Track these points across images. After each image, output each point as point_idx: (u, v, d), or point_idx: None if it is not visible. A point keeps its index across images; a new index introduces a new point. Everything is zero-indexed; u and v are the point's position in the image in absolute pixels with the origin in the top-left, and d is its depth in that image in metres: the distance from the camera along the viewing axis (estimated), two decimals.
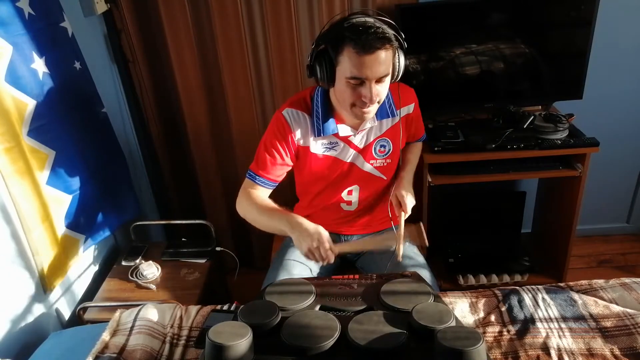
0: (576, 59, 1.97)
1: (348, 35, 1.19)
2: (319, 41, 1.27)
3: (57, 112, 1.59)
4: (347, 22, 1.22)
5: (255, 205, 1.41)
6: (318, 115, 1.40)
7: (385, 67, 1.23)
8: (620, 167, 2.35)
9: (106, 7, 1.89)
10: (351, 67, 1.22)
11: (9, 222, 1.44)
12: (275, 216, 1.36)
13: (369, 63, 1.20)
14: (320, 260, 1.25)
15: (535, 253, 2.31)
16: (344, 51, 1.22)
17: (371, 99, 1.25)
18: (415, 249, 1.58)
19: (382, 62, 1.22)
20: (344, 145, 1.46)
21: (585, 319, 1.25)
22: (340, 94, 1.31)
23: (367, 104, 1.27)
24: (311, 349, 0.99)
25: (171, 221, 2.29)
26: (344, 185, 1.53)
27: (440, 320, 1.02)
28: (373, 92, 1.25)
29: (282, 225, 1.32)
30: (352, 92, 1.27)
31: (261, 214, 1.39)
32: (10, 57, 1.41)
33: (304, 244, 1.24)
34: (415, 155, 1.64)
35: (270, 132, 1.44)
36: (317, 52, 1.27)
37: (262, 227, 1.42)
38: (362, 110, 1.30)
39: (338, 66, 1.25)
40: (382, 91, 1.28)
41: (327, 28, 1.27)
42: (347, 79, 1.24)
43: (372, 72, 1.22)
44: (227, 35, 1.95)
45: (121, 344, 1.24)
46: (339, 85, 1.28)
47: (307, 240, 1.24)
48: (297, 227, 1.28)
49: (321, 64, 1.26)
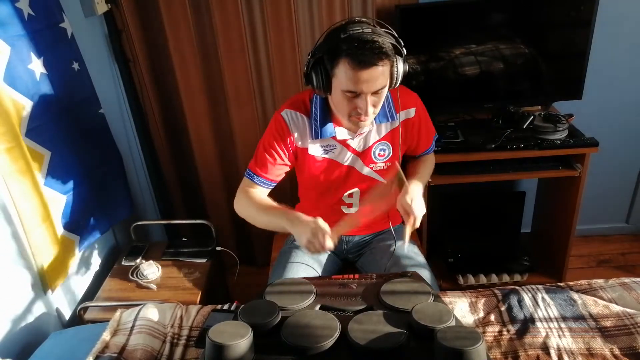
0: (576, 59, 1.97)
1: (345, 48, 1.18)
2: (316, 51, 1.26)
3: (53, 113, 1.59)
4: (344, 33, 1.20)
5: (253, 204, 1.41)
6: (316, 117, 1.41)
7: (381, 80, 1.22)
8: (619, 167, 2.35)
9: (107, 7, 1.89)
10: (347, 80, 1.21)
11: (9, 222, 1.45)
12: (273, 213, 1.37)
13: (364, 78, 1.19)
14: (321, 249, 1.23)
15: (535, 253, 2.31)
16: (339, 64, 1.21)
17: (366, 111, 1.25)
18: (416, 248, 1.58)
19: (379, 77, 1.21)
20: (341, 148, 1.46)
21: (585, 318, 1.25)
22: (337, 104, 1.31)
23: (363, 115, 1.27)
24: (311, 349, 0.99)
25: (172, 221, 2.29)
26: (344, 188, 1.53)
27: (440, 320, 1.02)
28: (369, 104, 1.25)
29: (280, 221, 1.32)
30: (348, 103, 1.26)
31: (259, 211, 1.40)
32: (9, 57, 1.41)
33: (303, 235, 1.24)
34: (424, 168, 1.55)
35: (269, 132, 1.45)
36: (314, 61, 1.26)
37: (260, 225, 1.42)
38: (358, 120, 1.30)
39: (334, 78, 1.24)
40: (379, 102, 1.28)
41: (324, 38, 1.26)
42: (342, 92, 1.24)
43: (367, 86, 1.21)
44: (228, 35, 1.95)
45: (121, 344, 1.24)
46: (335, 95, 1.28)
47: (305, 231, 1.23)
48: (295, 220, 1.28)
49: (317, 74, 1.26)
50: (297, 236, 1.26)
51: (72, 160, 1.69)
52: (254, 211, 1.41)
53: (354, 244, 1.67)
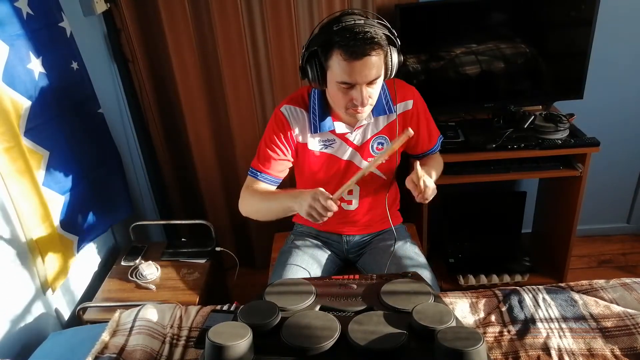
0: (576, 59, 1.97)
1: (337, 40, 1.19)
2: (310, 44, 1.27)
3: (51, 113, 1.59)
4: (336, 25, 1.21)
5: (256, 195, 1.42)
6: (315, 112, 1.41)
7: (375, 70, 1.23)
8: (620, 167, 2.34)
9: (106, 6, 1.88)
10: (341, 72, 1.22)
11: (8, 222, 1.44)
12: (276, 197, 1.39)
13: (358, 69, 1.20)
14: (324, 212, 1.22)
15: (536, 253, 2.31)
16: (333, 56, 1.22)
17: (362, 102, 1.26)
18: (416, 248, 1.58)
19: (372, 67, 1.21)
20: (340, 143, 1.46)
21: (586, 319, 1.25)
22: (332, 96, 1.32)
23: (359, 106, 1.28)
24: (311, 350, 0.98)
25: (171, 221, 2.28)
26: (343, 184, 1.52)
27: (440, 320, 1.02)
28: (364, 95, 1.25)
29: (284, 200, 1.34)
30: (343, 95, 1.27)
31: (263, 200, 1.41)
32: (7, 57, 1.41)
33: (304, 204, 1.24)
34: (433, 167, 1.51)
35: (269, 128, 1.45)
36: (308, 55, 1.26)
37: (267, 215, 1.43)
38: (355, 112, 1.31)
39: (328, 70, 1.25)
40: (374, 92, 1.29)
41: (318, 30, 1.27)
42: (337, 83, 1.25)
43: (361, 77, 1.22)
44: (227, 35, 1.95)
45: (121, 344, 1.24)
46: (331, 88, 1.29)
47: (307, 200, 1.24)
48: (297, 194, 1.30)
49: (312, 67, 1.27)
50: (299, 207, 1.27)
51: (71, 160, 1.68)
52: (258, 201, 1.42)
53: (354, 244, 1.66)
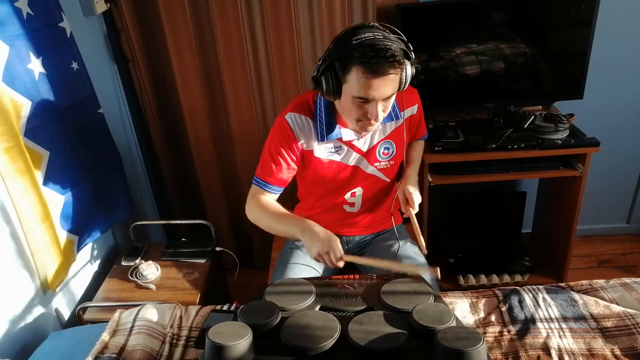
0: (576, 59, 1.97)
1: (357, 56, 1.16)
2: (327, 57, 1.24)
3: (51, 113, 1.59)
4: (355, 39, 1.18)
5: (265, 211, 1.41)
6: (322, 119, 1.39)
7: (393, 86, 1.22)
8: (620, 167, 2.34)
9: (106, 6, 1.88)
10: (359, 88, 1.20)
11: (8, 222, 1.44)
12: (285, 221, 1.38)
13: (377, 85, 1.19)
14: (330, 265, 1.26)
15: (536, 253, 2.31)
16: (351, 71, 1.19)
17: (376, 117, 1.25)
18: (416, 248, 1.58)
19: (390, 83, 1.20)
20: (347, 149, 1.45)
21: (586, 319, 1.25)
22: (346, 109, 1.30)
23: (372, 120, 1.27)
24: (311, 350, 0.98)
25: (171, 221, 2.28)
26: (348, 188, 1.52)
27: (440, 320, 1.02)
28: (379, 110, 1.24)
29: (293, 230, 1.34)
30: (357, 108, 1.25)
31: (271, 219, 1.40)
32: (7, 57, 1.41)
33: (314, 248, 1.26)
34: (419, 153, 1.63)
35: (274, 137, 1.42)
36: (325, 67, 1.24)
37: (272, 232, 1.44)
38: (367, 125, 1.29)
39: (345, 84, 1.23)
40: (388, 106, 1.28)
41: (335, 43, 1.24)
42: (353, 97, 1.23)
43: (379, 94, 1.20)
44: (227, 35, 1.95)
45: (121, 344, 1.24)
46: (345, 101, 1.27)
47: (317, 246, 1.25)
48: (307, 231, 1.29)
49: (328, 79, 1.24)
50: (308, 247, 1.29)
51: (71, 160, 1.68)
52: (266, 219, 1.42)
53: (355, 244, 1.66)
